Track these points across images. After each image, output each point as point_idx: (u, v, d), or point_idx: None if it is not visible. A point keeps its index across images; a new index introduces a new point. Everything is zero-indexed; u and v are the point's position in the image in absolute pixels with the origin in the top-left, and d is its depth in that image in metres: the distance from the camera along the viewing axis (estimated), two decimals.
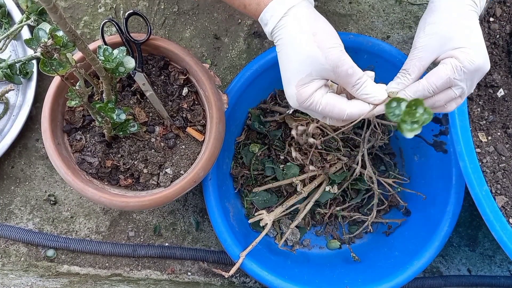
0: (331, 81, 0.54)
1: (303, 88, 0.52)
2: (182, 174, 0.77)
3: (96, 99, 0.66)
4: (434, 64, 0.53)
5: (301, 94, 0.52)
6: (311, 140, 0.82)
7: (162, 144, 0.78)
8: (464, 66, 0.49)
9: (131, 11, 0.74)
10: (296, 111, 0.90)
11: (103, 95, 0.63)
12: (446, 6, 0.51)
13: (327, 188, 0.90)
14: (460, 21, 0.50)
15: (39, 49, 0.50)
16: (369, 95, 0.51)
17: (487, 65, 0.51)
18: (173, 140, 0.78)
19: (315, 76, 0.52)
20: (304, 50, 0.51)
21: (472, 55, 0.49)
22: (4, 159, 0.94)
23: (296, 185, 0.88)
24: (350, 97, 0.54)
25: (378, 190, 0.88)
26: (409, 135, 0.49)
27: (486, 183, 0.72)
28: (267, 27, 0.54)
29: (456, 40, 0.50)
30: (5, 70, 0.88)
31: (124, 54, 0.59)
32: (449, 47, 0.50)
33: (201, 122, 0.79)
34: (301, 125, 0.83)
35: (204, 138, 0.78)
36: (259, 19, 0.55)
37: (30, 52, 0.92)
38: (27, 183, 0.95)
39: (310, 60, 0.51)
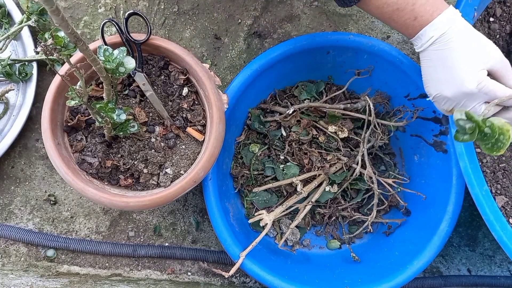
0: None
1: (481, 72, 0.62)
2: (182, 174, 0.77)
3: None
4: None
5: (481, 77, 0.62)
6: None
7: (162, 144, 0.78)
8: None
9: (131, 11, 0.74)
10: (295, 111, 0.90)
11: (104, 95, 0.63)
12: None
13: (327, 188, 0.90)
14: None
15: (39, 48, 0.49)
16: None
17: None
18: (173, 140, 0.78)
19: (486, 64, 0.63)
20: (483, 41, 0.64)
21: None
22: (4, 159, 0.94)
23: (296, 185, 0.88)
24: None
25: (378, 190, 0.88)
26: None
27: (486, 183, 0.72)
28: (438, 31, 0.63)
29: None
30: (5, 67, 0.88)
31: (124, 54, 0.59)
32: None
33: (201, 122, 0.79)
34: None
35: (204, 138, 0.78)
36: (426, 27, 0.64)
37: (30, 52, 0.92)
38: (27, 183, 0.95)
39: (486, 50, 0.63)
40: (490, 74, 0.64)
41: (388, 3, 0.64)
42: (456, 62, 0.63)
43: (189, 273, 0.95)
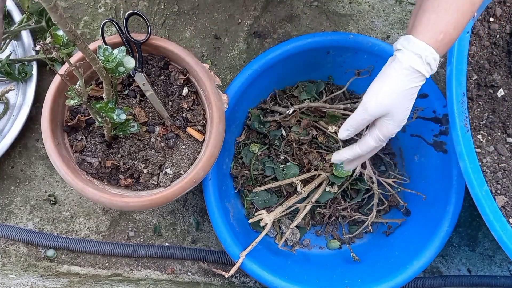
0: None
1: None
2: (182, 174, 0.76)
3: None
4: None
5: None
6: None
7: (162, 144, 0.78)
8: (384, 136, 0.63)
9: (131, 11, 0.74)
10: (295, 111, 0.90)
11: (103, 95, 0.63)
12: (397, 81, 0.59)
13: (327, 188, 0.90)
14: (402, 103, 0.60)
15: (38, 47, 0.49)
16: None
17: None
18: (173, 140, 0.78)
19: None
20: None
21: (393, 129, 0.62)
22: (4, 159, 0.94)
23: (296, 185, 0.88)
24: None
25: (378, 190, 0.88)
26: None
27: (486, 183, 0.72)
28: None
29: (389, 115, 0.61)
30: (4, 66, 0.88)
31: (124, 54, 0.59)
32: (383, 116, 0.62)
33: (201, 122, 0.79)
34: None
35: (204, 138, 0.78)
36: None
37: (30, 52, 0.92)
38: (27, 183, 0.95)
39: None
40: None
41: None
42: None
43: (189, 273, 0.95)
